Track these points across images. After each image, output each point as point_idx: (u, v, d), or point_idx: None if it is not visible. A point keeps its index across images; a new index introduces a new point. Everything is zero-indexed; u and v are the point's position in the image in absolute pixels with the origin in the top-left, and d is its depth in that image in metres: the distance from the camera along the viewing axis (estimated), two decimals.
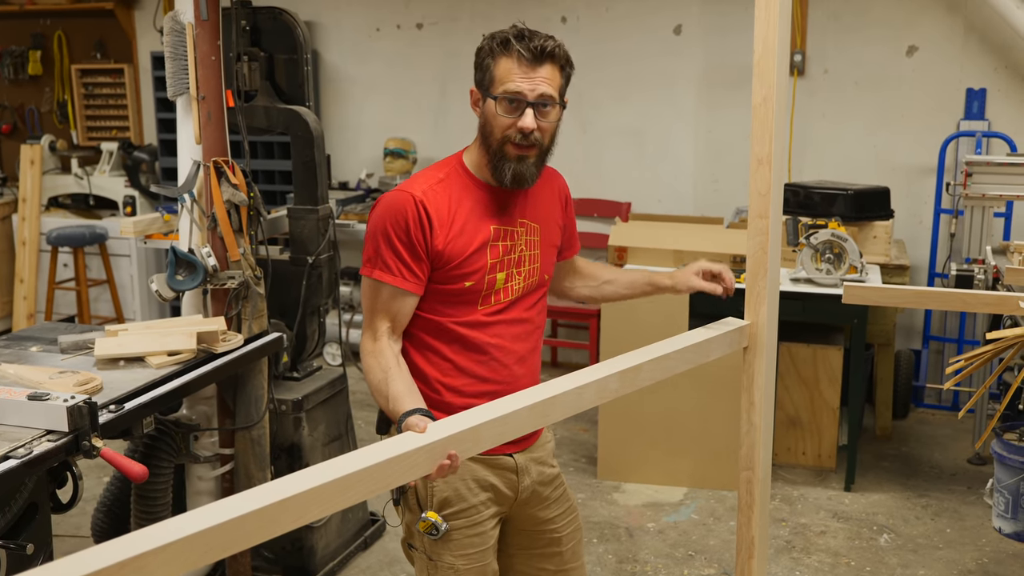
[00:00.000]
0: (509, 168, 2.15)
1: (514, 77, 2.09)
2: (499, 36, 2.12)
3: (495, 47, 2.12)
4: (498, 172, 2.17)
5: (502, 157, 2.15)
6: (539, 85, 2.09)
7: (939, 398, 5.45)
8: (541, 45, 2.09)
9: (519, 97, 2.09)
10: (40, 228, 6.61)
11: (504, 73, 2.10)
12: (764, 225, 2.10)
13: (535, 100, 2.10)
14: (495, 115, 2.12)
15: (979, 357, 2.90)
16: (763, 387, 2.18)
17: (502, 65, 2.11)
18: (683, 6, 5.75)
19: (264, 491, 1.45)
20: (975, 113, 5.28)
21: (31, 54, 7.13)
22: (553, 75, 2.12)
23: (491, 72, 2.12)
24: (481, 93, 2.17)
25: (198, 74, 3.25)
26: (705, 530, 4.11)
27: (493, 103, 2.12)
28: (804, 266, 4.40)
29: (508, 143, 2.13)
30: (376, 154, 6.42)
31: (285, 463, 3.63)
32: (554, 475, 2.42)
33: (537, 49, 2.08)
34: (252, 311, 3.35)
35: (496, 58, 2.12)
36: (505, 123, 2.12)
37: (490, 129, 2.15)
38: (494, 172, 2.18)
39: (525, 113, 2.10)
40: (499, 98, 2.11)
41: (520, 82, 2.09)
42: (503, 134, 2.13)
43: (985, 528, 4.07)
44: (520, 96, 2.09)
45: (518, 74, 2.09)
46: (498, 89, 2.11)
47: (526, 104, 2.09)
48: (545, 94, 2.10)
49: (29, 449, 2.26)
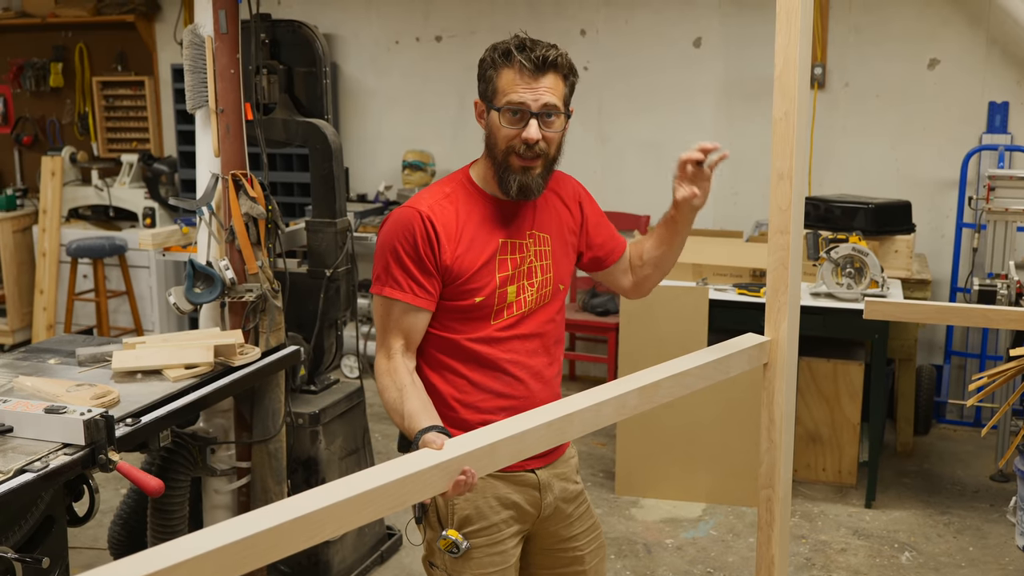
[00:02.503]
0: (514, 180, 2.13)
1: (517, 88, 2.07)
2: (500, 47, 2.11)
3: (496, 58, 2.11)
4: (504, 184, 2.15)
5: (507, 169, 2.13)
6: (542, 95, 2.08)
7: (961, 414, 5.39)
8: (543, 55, 2.07)
9: (522, 108, 2.08)
10: (60, 239, 6.65)
11: (507, 84, 2.09)
12: (785, 241, 2.08)
13: (539, 110, 2.08)
14: (499, 126, 2.11)
15: (1002, 374, 2.87)
16: (783, 404, 2.15)
17: (504, 76, 2.09)
18: (703, 18, 5.73)
19: (278, 509, 1.43)
20: (998, 126, 5.24)
21: (53, 66, 7.18)
22: (556, 84, 2.10)
23: (494, 83, 2.11)
24: (485, 105, 2.16)
25: (217, 87, 3.26)
26: (724, 547, 4.07)
27: (496, 114, 2.11)
28: (825, 280, 4.36)
29: (513, 154, 2.12)
30: (395, 166, 6.43)
31: (302, 477, 3.62)
32: (577, 492, 2.39)
33: (539, 59, 2.07)
34: (270, 324, 3.35)
35: (498, 69, 2.10)
36: (509, 134, 2.10)
37: (494, 141, 2.14)
38: (500, 184, 2.17)
39: (529, 124, 2.08)
40: (502, 109, 2.09)
41: (523, 92, 2.07)
42: (507, 145, 2.11)
43: (1008, 546, 4.02)
44: (523, 107, 2.08)
45: (520, 85, 2.07)
46: (501, 100, 2.09)
47: (530, 115, 2.08)
48: (549, 104, 2.09)
49: (45, 463, 2.26)
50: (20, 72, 7.26)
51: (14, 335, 6.82)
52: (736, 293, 4.44)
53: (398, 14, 6.40)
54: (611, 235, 2.43)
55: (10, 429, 2.39)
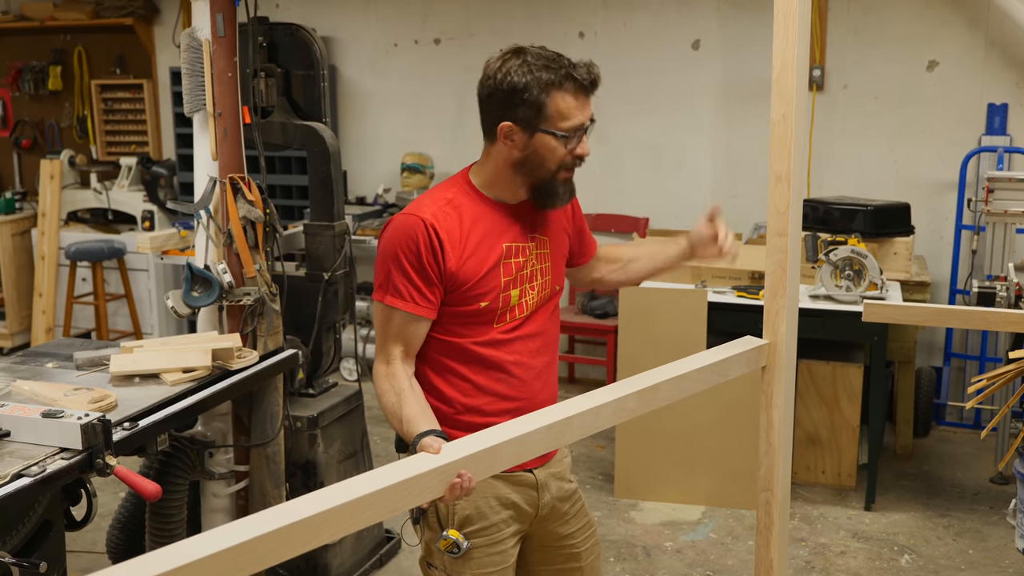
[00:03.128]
0: (564, 192, 2.18)
1: (575, 112, 2.10)
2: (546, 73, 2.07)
3: (547, 81, 2.07)
4: (549, 198, 2.18)
5: (554, 183, 2.16)
6: (590, 111, 2.13)
7: (961, 416, 5.39)
8: (594, 75, 2.11)
9: (582, 127, 2.12)
10: (59, 242, 6.65)
11: (566, 108, 2.09)
12: (783, 243, 2.08)
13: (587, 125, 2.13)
14: (552, 148, 2.11)
15: (1002, 376, 2.87)
16: (782, 407, 2.15)
17: (561, 100, 2.08)
18: (701, 20, 5.73)
19: (276, 513, 1.43)
20: (997, 128, 5.24)
21: (51, 69, 7.18)
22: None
23: (547, 108, 2.08)
24: (525, 128, 2.11)
25: (215, 90, 3.25)
26: (723, 549, 4.07)
27: (550, 137, 2.10)
28: (823, 283, 4.36)
29: (563, 170, 2.15)
30: (393, 169, 6.42)
31: (300, 480, 3.61)
32: (572, 490, 2.42)
33: (592, 79, 2.11)
34: (268, 328, 3.35)
35: (550, 93, 2.07)
36: (562, 152, 2.12)
37: (540, 161, 2.13)
38: (544, 197, 2.18)
39: (583, 141, 2.13)
40: (568, 135, 2.10)
41: (581, 115, 2.11)
42: (560, 163, 2.13)
43: (1008, 549, 4.01)
44: (582, 127, 2.12)
45: (576, 107, 2.10)
46: (561, 124, 2.09)
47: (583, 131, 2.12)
48: (593, 116, 2.14)
49: (43, 467, 2.26)
50: (19, 75, 7.27)
51: (13, 338, 6.82)
52: (735, 295, 4.43)
53: (396, 17, 6.40)
54: (590, 236, 2.52)
55: (7, 433, 2.39)
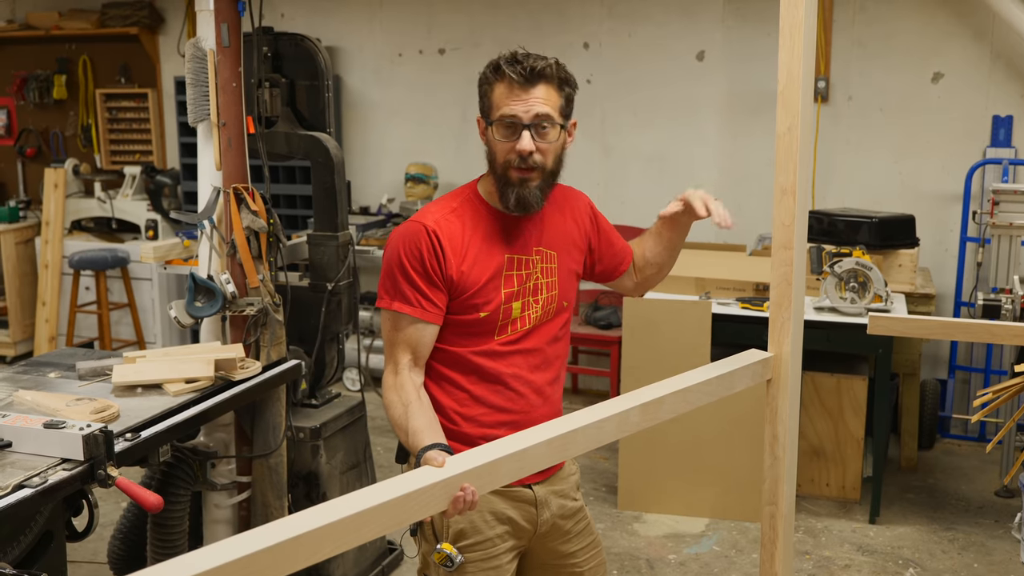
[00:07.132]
0: (512, 192, 2.15)
1: (508, 101, 2.10)
2: (493, 63, 2.14)
3: (489, 74, 2.14)
4: (504, 198, 2.17)
5: (506, 182, 2.15)
6: (533, 106, 2.09)
7: (966, 429, 5.37)
8: (531, 66, 2.09)
9: (514, 120, 2.10)
10: (63, 251, 6.65)
11: (499, 98, 2.11)
12: (788, 256, 2.06)
13: (530, 121, 2.09)
14: (495, 141, 2.13)
15: (1007, 390, 2.86)
16: (787, 421, 2.13)
17: (497, 90, 2.12)
18: (706, 32, 5.73)
19: (278, 527, 1.42)
20: (1002, 140, 5.23)
21: (56, 78, 7.19)
22: (549, 95, 2.11)
23: (489, 99, 2.14)
24: (484, 121, 2.18)
25: (219, 100, 3.25)
26: (727, 562, 4.05)
27: (492, 129, 2.13)
28: (828, 295, 4.35)
29: (510, 168, 2.13)
30: (397, 179, 6.42)
31: (303, 491, 3.60)
32: (576, 508, 2.38)
33: (527, 70, 2.09)
34: (271, 338, 3.34)
35: (491, 84, 2.13)
36: (505, 148, 2.12)
37: (493, 155, 2.16)
38: (501, 198, 2.18)
39: (522, 136, 2.10)
40: (495, 123, 2.12)
41: (514, 105, 2.09)
42: (504, 159, 2.13)
43: (1014, 563, 3.99)
44: (515, 119, 2.10)
45: (511, 97, 2.10)
46: (495, 114, 2.12)
47: (523, 127, 2.09)
48: (540, 114, 2.10)
49: (44, 478, 2.25)
50: (24, 84, 7.28)
51: (16, 347, 6.81)
52: (739, 307, 4.42)
53: (401, 27, 6.41)
54: (622, 246, 2.47)
55: (9, 444, 2.38)
